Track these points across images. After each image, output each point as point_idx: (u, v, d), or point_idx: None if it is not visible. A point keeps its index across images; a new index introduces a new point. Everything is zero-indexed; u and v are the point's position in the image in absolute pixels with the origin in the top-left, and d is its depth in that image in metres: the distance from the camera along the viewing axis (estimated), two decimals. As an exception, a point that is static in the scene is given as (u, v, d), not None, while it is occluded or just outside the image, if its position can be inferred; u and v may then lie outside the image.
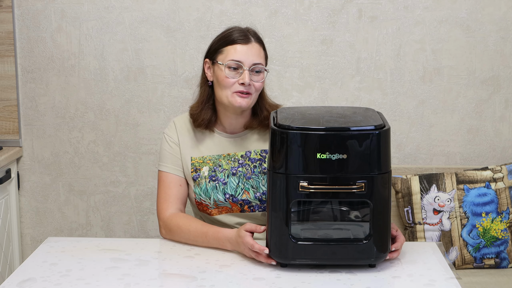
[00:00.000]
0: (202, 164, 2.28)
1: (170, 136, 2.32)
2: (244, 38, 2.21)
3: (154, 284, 1.88)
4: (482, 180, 2.84)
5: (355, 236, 1.97)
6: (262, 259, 1.99)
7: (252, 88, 2.21)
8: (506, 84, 3.14)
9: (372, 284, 1.88)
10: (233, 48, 2.21)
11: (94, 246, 2.15)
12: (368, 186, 1.89)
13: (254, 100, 2.24)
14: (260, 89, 2.24)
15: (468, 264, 2.81)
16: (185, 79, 3.18)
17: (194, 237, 2.15)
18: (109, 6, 3.15)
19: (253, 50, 2.21)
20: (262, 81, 2.23)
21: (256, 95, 2.24)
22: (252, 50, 2.21)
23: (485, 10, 3.09)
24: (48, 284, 1.87)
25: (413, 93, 3.16)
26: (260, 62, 2.22)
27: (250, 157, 2.28)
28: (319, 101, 3.17)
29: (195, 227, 2.16)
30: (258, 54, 2.22)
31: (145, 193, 3.27)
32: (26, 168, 3.28)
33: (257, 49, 2.23)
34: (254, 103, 2.26)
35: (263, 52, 2.25)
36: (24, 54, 3.20)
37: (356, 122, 1.94)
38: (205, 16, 3.14)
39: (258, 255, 2.00)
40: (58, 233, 3.31)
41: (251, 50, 2.21)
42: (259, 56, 2.22)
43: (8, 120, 3.23)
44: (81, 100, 3.22)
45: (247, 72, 2.19)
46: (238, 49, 2.21)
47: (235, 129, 2.31)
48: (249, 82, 2.19)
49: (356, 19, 3.12)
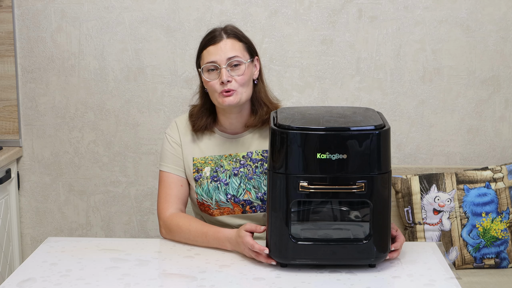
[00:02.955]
0: (204, 164, 2.29)
1: (172, 136, 2.33)
2: (214, 38, 2.22)
3: (154, 284, 1.88)
4: (482, 180, 2.84)
5: (355, 236, 1.97)
6: (262, 259, 1.99)
7: (234, 84, 2.19)
8: (506, 84, 3.14)
9: (372, 284, 1.88)
10: (207, 51, 2.22)
11: (94, 246, 2.15)
12: (368, 186, 1.89)
13: (244, 95, 2.22)
14: (244, 82, 2.21)
15: (468, 264, 2.81)
16: (185, 79, 3.18)
17: (194, 237, 2.15)
18: (109, 6, 3.15)
19: (226, 46, 2.21)
20: (244, 74, 2.20)
21: (245, 90, 2.22)
22: (225, 46, 2.20)
23: (485, 10, 3.09)
24: (48, 284, 1.87)
25: (413, 93, 3.16)
26: (235, 55, 2.20)
27: (252, 158, 2.28)
28: (319, 101, 3.17)
29: (195, 227, 2.16)
30: (232, 48, 2.21)
31: (145, 193, 3.27)
32: (26, 168, 3.28)
33: (230, 44, 2.21)
34: (247, 98, 2.24)
35: (239, 44, 2.23)
36: (24, 54, 3.20)
37: (356, 122, 1.94)
38: (205, 16, 3.14)
39: (258, 255, 2.00)
40: (58, 233, 3.31)
41: (223, 47, 2.20)
42: (233, 49, 2.21)
43: (8, 120, 3.23)
44: (81, 100, 3.22)
45: (224, 69, 2.18)
46: (211, 50, 2.21)
47: (236, 129, 2.31)
48: (229, 78, 2.18)
49: (356, 19, 3.12)
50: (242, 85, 2.21)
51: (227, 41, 2.22)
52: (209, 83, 2.21)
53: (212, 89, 2.22)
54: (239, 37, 2.25)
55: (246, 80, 2.22)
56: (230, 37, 2.23)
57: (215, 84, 2.20)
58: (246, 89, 2.23)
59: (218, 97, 2.21)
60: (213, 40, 2.22)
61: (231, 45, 2.22)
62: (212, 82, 2.20)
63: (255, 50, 2.29)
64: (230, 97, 2.19)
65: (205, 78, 2.22)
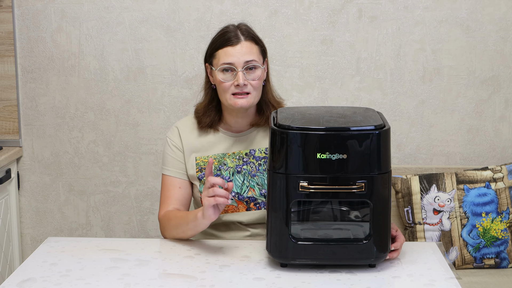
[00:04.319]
0: (207, 163, 2.29)
1: (172, 139, 2.33)
2: (233, 39, 2.20)
3: (154, 284, 1.88)
4: (482, 180, 2.84)
5: (355, 236, 1.97)
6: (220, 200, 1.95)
7: (249, 87, 2.20)
8: (506, 84, 3.14)
9: (372, 284, 1.88)
10: (224, 51, 2.20)
11: (94, 246, 2.15)
12: (368, 186, 1.89)
13: (255, 98, 2.23)
14: (258, 86, 2.22)
15: (468, 264, 2.81)
16: (185, 79, 3.18)
17: (179, 220, 2.15)
18: (109, 6, 3.15)
19: (243, 49, 2.20)
20: (259, 78, 2.21)
21: (257, 93, 2.23)
22: (242, 49, 2.20)
23: (485, 10, 3.09)
24: (48, 284, 1.87)
25: (413, 93, 3.16)
26: (253, 59, 2.20)
27: (255, 155, 2.29)
28: (319, 101, 3.17)
29: (181, 213, 2.18)
30: (250, 52, 2.20)
31: (145, 193, 3.27)
32: (26, 168, 3.28)
33: (248, 47, 2.21)
34: (258, 100, 2.25)
35: (255, 47, 2.23)
36: (24, 54, 3.20)
37: (356, 122, 1.94)
38: (205, 16, 3.14)
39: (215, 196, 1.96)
40: (58, 233, 3.31)
41: (241, 49, 2.19)
42: (251, 53, 2.20)
43: (8, 120, 3.23)
44: (81, 100, 3.22)
45: (241, 73, 2.18)
46: (228, 51, 2.20)
47: (241, 127, 2.31)
48: (244, 82, 2.18)
49: (356, 19, 3.12)
50: (256, 89, 2.22)
51: (245, 43, 2.21)
52: (222, 84, 2.21)
53: (224, 89, 2.21)
54: (256, 40, 2.25)
55: (260, 84, 2.23)
56: (247, 39, 2.22)
57: (229, 85, 2.20)
58: (258, 92, 2.24)
59: (230, 98, 2.20)
60: (230, 41, 2.20)
61: (249, 48, 2.21)
62: (227, 83, 2.20)
63: (266, 52, 2.29)
64: (243, 100, 2.20)
65: (219, 79, 2.20)
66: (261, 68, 2.21)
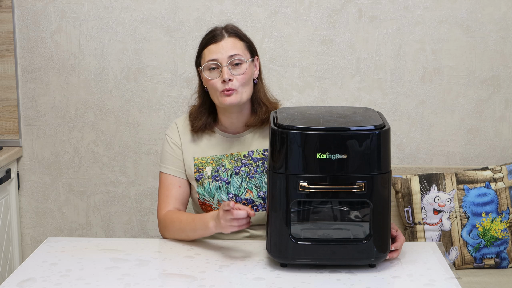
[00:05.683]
0: (205, 164, 2.29)
1: (172, 137, 2.33)
2: (215, 36, 2.22)
3: (154, 284, 1.88)
4: (482, 180, 2.84)
5: (355, 236, 1.97)
6: (243, 223, 1.98)
7: (236, 83, 2.19)
8: (506, 84, 3.14)
9: (372, 284, 1.88)
10: (208, 49, 2.22)
11: (94, 246, 2.15)
12: (368, 186, 1.89)
13: (245, 94, 2.22)
14: (245, 81, 2.21)
15: (468, 264, 2.81)
16: (185, 79, 3.18)
17: (184, 226, 2.15)
18: (109, 6, 3.15)
19: (227, 44, 2.20)
20: (245, 73, 2.20)
21: (246, 89, 2.22)
22: (226, 45, 2.20)
23: (485, 10, 3.09)
24: (48, 284, 1.87)
25: (413, 93, 3.16)
26: (237, 53, 2.20)
27: (253, 157, 2.28)
28: (319, 101, 3.17)
29: (186, 217, 2.18)
30: (233, 47, 2.21)
31: (145, 193, 3.27)
32: (26, 168, 3.28)
33: (231, 42, 2.21)
34: (248, 97, 2.24)
35: (240, 43, 2.23)
36: (24, 54, 3.20)
37: (356, 122, 1.94)
38: (205, 16, 3.14)
39: (240, 224, 1.98)
40: (58, 233, 3.31)
41: (225, 45, 2.20)
42: (234, 48, 2.21)
43: (8, 120, 3.23)
44: (81, 100, 3.22)
45: (226, 68, 2.18)
46: (212, 48, 2.21)
47: (236, 129, 2.31)
48: (230, 77, 2.18)
49: (356, 19, 3.12)
50: (243, 84, 2.21)
51: (228, 39, 2.22)
52: (210, 82, 2.21)
53: (213, 88, 2.21)
54: (240, 36, 2.25)
55: (247, 79, 2.21)
56: (231, 35, 2.23)
57: (216, 83, 2.20)
58: (247, 88, 2.22)
59: (219, 96, 2.20)
60: (214, 38, 2.22)
61: (232, 43, 2.22)
62: (213, 81, 2.20)
63: (256, 50, 2.29)
64: (231, 97, 2.19)
65: (206, 77, 2.21)
66: (247, 63, 2.21)
